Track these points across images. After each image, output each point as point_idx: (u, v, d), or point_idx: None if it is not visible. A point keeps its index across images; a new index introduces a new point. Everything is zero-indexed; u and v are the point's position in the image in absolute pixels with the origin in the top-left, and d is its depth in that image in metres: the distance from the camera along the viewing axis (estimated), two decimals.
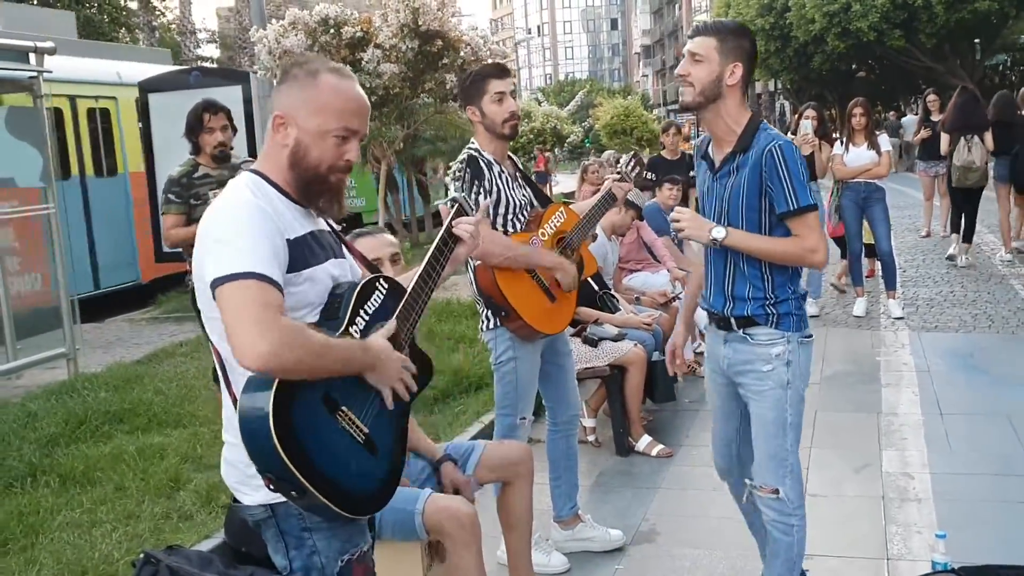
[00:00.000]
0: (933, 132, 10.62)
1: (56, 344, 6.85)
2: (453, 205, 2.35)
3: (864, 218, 7.85)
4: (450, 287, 8.56)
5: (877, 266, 8.40)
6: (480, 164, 3.38)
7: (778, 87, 43.58)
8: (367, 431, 1.93)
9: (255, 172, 2.02)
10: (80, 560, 3.58)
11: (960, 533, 3.58)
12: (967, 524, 3.82)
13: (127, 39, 26.65)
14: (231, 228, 1.87)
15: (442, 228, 2.29)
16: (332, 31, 11.22)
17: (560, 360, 3.73)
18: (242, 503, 2.01)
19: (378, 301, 2.05)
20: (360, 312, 1.99)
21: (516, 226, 3.47)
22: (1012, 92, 11.15)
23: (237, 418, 1.82)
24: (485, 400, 5.39)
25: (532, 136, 26.46)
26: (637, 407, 5.04)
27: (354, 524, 2.00)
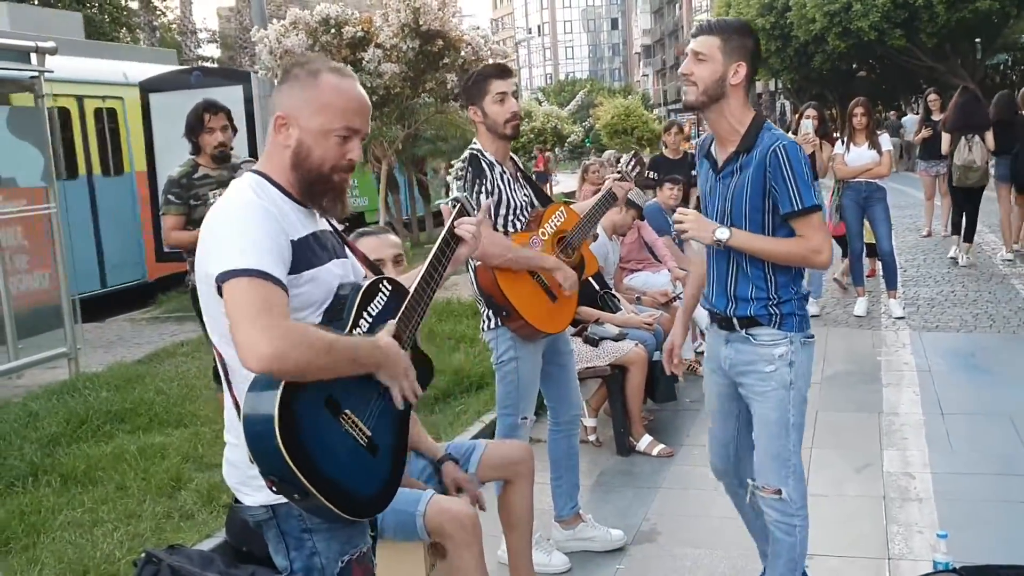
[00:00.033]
0: (934, 132, 10.62)
1: (57, 344, 6.85)
2: (455, 205, 2.34)
3: (865, 218, 7.86)
4: (451, 287, 8.56)
5: (878, 266, 8.40)
6: (482, 164, 3.38)
7: (779, 87, 43.61)
8: (370, 434, 1.93)
9: (257, 173, 2.01)
10: (82, 559, 3.58)
11: (961, 533, 3.58)
12: (968, 524, 3.82)
13: (128, 39, 26.66)
14: (236, 227, 1.86)
15: (444, 228, 2.29)
16: (333, 31, 11.21)
17: (561, 360, 3.73)
18: (243, 504, 2.01)
19: (382, 303, 2.04)
20: (364, 314, 1.99)
21: (517, 226, 3.46)
22: (1013, 92, 11.13)
23: (241, 420, 1.82)
24: (486, 400, 5.39)
25: (532, 136, 26.44)
26: (638, 407, 5.05)
27: (354, 525, 2.00)
